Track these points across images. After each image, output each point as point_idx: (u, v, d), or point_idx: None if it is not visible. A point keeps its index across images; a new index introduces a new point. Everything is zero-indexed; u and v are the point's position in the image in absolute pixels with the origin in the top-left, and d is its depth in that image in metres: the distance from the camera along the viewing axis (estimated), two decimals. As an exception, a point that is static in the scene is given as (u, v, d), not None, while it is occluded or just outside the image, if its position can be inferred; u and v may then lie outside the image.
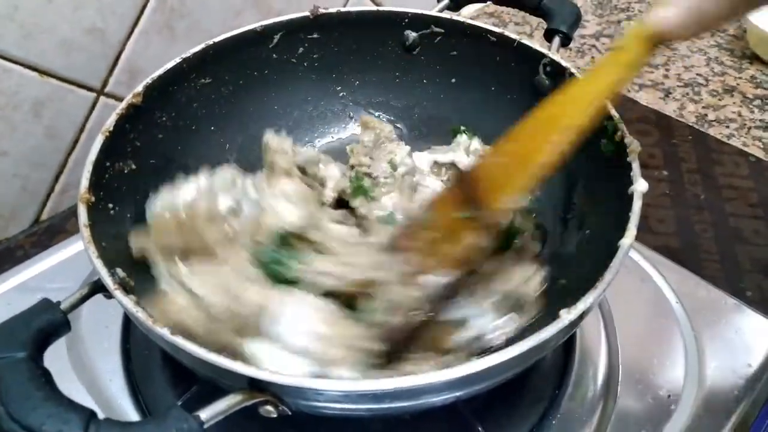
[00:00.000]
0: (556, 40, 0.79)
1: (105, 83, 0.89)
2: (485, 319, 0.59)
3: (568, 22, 0.80)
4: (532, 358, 0.52)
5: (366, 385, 0.46)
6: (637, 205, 0.56)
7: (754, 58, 1.22)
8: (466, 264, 0.56)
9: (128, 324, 0.72)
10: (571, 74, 0.72)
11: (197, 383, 0.65)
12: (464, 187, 0.57)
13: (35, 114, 0.83)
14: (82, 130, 0.89)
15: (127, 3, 0.86)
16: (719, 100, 1.14)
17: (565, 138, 0.52)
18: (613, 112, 0.65)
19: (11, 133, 0.82)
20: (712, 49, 1.26)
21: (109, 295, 0.53)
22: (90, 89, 0.87)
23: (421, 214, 0.60)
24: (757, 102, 1.13)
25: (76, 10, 0.81)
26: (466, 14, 1.34)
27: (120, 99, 0.89)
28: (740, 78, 1.19)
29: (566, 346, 0.69)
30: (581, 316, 0.49)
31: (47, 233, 0.88)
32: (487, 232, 0.55)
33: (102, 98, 0.89)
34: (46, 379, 0.45)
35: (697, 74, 1.20)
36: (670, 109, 1.11)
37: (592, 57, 1.24)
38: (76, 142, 0.89)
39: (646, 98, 1.14)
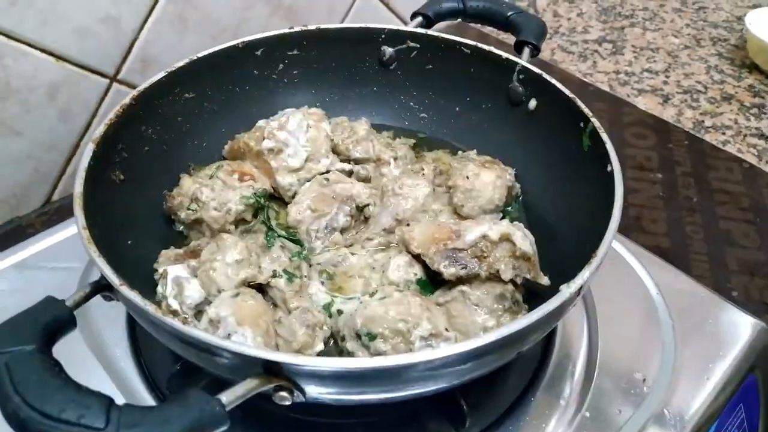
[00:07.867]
0: (526, 51, 0.82)
1: (118, 70, 0.92)
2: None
3: (535, 33, 0.84)
4: (534, 334, 0.54)
5: (379, 362, 0.47)
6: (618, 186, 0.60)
7: (754, 68, 1.25)
8: None
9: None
10: (544, 81, 0.75)
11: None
12: None
13: (50, 97, 0.87)
14: (94, 114, 0.92)
15: (141, -7, 0.89)
16: (717, 107, 1.16)
17: None
18: (586, 110, 0.69)
19: (26, 115, 0.85)
20: (713, 58, 1.28)
21: (108, 297, 0.54)
22: (103, 75, 0.91)
23: None
24: (754, 110, 1.15)
25: (92, -1, 0.84)
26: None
27: (132, 86, 0.92)
28: (739, 87, 1.21)
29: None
30: (579, 291, 0.52)
31: (57, 213, 0.91)
32: None
33: (115, 84, 0.92)
34: (59, 368, 0.43)
35: (697, 81, 1.22)
36: (668, 114, 1.14)
37: (594, 62, 1.27)
38: (88, 126, 0.93)
39: (644, 103, 1.16)
